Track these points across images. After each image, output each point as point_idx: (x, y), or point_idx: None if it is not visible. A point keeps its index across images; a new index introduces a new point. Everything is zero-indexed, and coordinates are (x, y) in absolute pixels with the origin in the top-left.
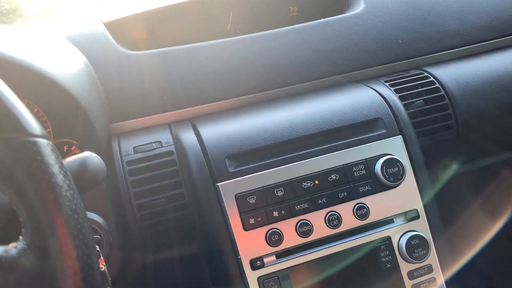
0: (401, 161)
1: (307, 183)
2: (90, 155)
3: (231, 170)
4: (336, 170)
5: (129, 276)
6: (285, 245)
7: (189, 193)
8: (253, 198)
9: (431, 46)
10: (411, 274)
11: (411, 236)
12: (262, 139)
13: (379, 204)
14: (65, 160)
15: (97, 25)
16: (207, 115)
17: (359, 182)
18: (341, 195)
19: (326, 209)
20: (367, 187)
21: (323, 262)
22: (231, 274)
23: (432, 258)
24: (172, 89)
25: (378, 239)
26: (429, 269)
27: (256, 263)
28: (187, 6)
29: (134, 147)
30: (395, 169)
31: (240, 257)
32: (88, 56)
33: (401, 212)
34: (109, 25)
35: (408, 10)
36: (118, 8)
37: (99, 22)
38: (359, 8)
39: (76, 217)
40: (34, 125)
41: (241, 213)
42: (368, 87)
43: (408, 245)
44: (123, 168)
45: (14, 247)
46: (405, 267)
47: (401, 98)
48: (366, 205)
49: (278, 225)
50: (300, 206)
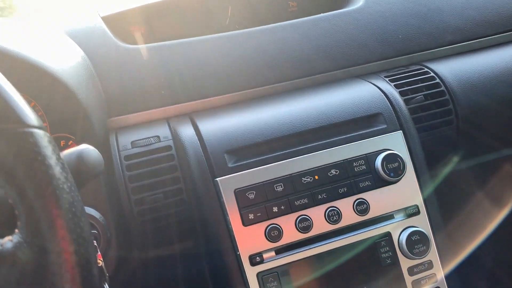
0: (402, 157)
1: (307, 178)
2: (87, 148)
3: (230, 165)
4: (336, 165)
5: (127, 272)
6: (285, 241)
7: (188, 189)
8: (253, 194)
9: (432, 42)
10: (411, 270)
11: (412, 232)
12: (262, 134)
13: (379, 200)
14: (62, 153)
15: (95, 19)
16: (206, 110)
17: (359, 178)
18: (341, 191)
19: (326, 205)
20: (367, 183)
21: (323, 258)
22: (230, 270)
23: (433, 254)
24: (171, 84)
25: (378, 235)
26: (430, 265)
27: (256, 259)
28: (186, 0)
29: (132, 142)
30: (396, 165)
31: (239, 253)
32: (86, 50)
33: (401, 208)
34: (107, 19)
35: (409, 5)
36: (116, 2)
37: (97, 16)
38: (359, 3)
39: (74, 210)
40: (31, 116)
41: (241, 209)
42: (368, 82)
43: (409, 241)
44: (121, 163)
45: (10, 241)
46: (405, 263)
47: (401, 93)
48: (366, 201)
49: (278, 221)
50: (300, 202)
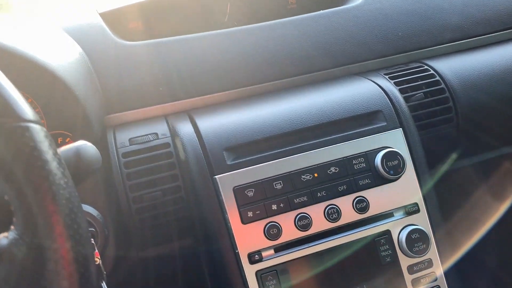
0: (401, 154)
1: (306, 176)
2: (85, 144)
3: (229, 163)
4: (336, 163)
5: (125, 270)
6: (284, 239)
7: (186, 186)
8: (252, 191)
9: (432, 39)
10: (411, 269)
11: (411, 230)
12: (261, 131)
13: (379, 198)
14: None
15: (93, 16)
16: (205, 107)
17: (359, 175)
18: (341, 188)
19: (326, 202)
20: (367, 180)
21: (322, 256)
22: (229, 268)
23: (432, 252)
24: (169, 81)
25: (378, 233)
26: (429, 264)
27: (254, 257)
28: None
29: (130, 139)
30: (395, 162)
31: (238, 251)
32: (84, 47)
33: (401, 206)
34: (105, 16)
35: (408, 3)
36: None
37: (95, 13)
38: (359, 0)
39: (71, 207)
40: (27, 110)
41: (239, 206)
42: (368, 80)
43: (408, 239)
44: (119, 160)
45: (5, 237)
46: (405, 261)
47: (401, 91)
48: (366, 199)
49: (277, 219)
50: (299, 199)
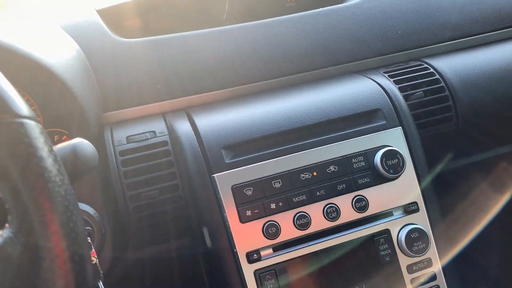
0: (401, 153)
1: (305, 175)
2: (81, 141)
3: (228, 161)
4: (335, 162)
5: (122, 270)
6: (283, 238)
7: (184, 185)
8: (250, 190)
9: (431, 38)
10: (410, 268)
11: (411, 229)
12: (260, 130)
13: (378, 197)
14: (55, 147)
15: (90, 13)
16: (203, 105)
17: (358, 174)
18: (340, 187)
19: (325, 201)
20: (366, 179)
21: (321, 256)
22: (227, 268)
23: (432, 252)
24: (167, 78)
25: (377, 232)
26: (429, 263)
27: (253, 256)
28: None
29: (127, 137)
30: (395, 161)
31: (236, 250)
32: (81, 44)
33: (401, 205)
34: (102, 13)
35: (408, 1)
36: None
37: (92, 10)
38: None
39: (66, 204)
40: (22, 106)
41: (238, 205)
42: (367, 78)
43: (408, 238)
44: (116, 158)
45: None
46: (404, 261)
47: (401, 89)
48: (365, 198)
49: (276, 218)
50: (298, 198)
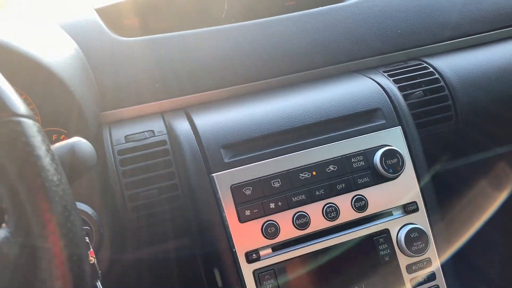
0: (401, 153)
1: (305, 174)
2: (79, 141)
3: (227, 161)
4: (334, 161)
5: (120, 270)
6: (282, 238)
7: (183, 184)
8: (249, 189)
9: (431, 37)
10: (410, 268)
11: (410, 229)
12: (259, 129)
13: (378, 196)
14: (53, 146)
15: (89, 11)
16: (202, 104)
17: (358, 174)
18: (339, 187)
19: (324, 201)
20: (366, 179)
21: (321, 255)
22: (226, 268)
23: (431, 252)
24: (165, 77)
25: (377, 232)
26: (428, 263)
27: (252, 256)
28: None
29: (126, 136)
30: (394, 161)
31: (235, 250)
32: (79, 43)
33: (400, 205)
34: (101, 12)
35: (407, 0)
36: None
37: (91, 8)
38: None
39: (64, 204)
40: (19, 104)
41: (237, 205)
42: (367, 77)
43: (407, 238)
44: (114, 158)
45: None
46: (404, 261)
47: (400, 89)
48: (365, 197)
49: (275, 217)
50: (297, 198)
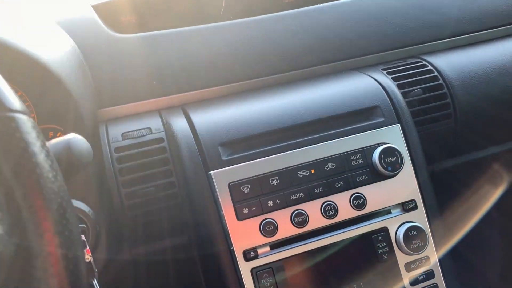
0: (399, 150)
1: (303, 172)
2: (75, 137)
3: (224, 158)
4: (333, 159)
5: (117, 268)
6: (280, 236)
7: (180, 182)
8: (247, 187)
9: (430, 35)
10: (408, 266)
11: (409, 227)
12: (257, 126)
13: (376, 194)
14: (49, 143)
15: (85, 8)
16: (199, 102)
17: (356, 172)
18: (338, 185)
19: (322, 199)
20: (364, 177)
21: (319, 254)
22: (224, 266)
23: (430, 250)
24: (163, 74)
25: (375, 230)
26: (427, 261)
27: (250, 254)
28: None
29: (123, 134)
30: (393, 158)
31: (233, 248)
32: (76, 40)
33: (399, 203)
34: (98, 8)
35: None
36: None
37: (87, 5)
38: None
39: (59, 201)
40: (13, 100)
41: (235, 203)
42: (366, 75)
43: (406, 236)
44: (111, 155)
45: None
46: (402, 259)
47: (399, 87)
48: (363, 195)
49: (273, 215)
50: (296, 196)
